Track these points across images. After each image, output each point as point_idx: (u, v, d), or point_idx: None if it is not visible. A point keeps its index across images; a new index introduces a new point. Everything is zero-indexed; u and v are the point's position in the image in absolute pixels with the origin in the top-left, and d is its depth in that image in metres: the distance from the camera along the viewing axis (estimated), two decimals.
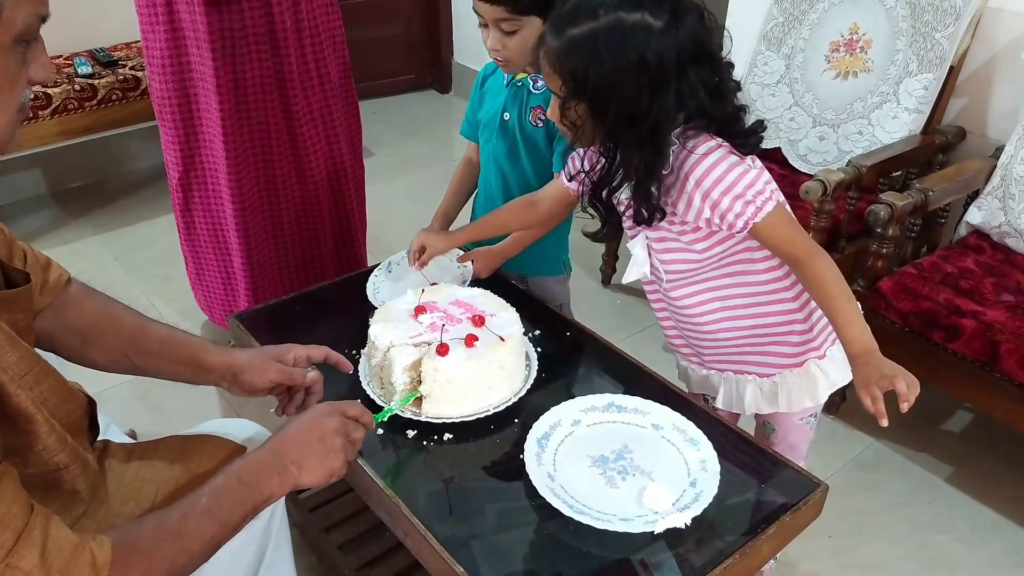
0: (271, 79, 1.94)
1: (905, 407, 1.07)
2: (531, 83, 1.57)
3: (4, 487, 0.79)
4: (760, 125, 1.19)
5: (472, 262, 1.59)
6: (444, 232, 1.64)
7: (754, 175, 1.15)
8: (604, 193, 1.21)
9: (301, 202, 2.13)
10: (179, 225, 2.19)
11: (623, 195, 1.25)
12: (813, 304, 1.29)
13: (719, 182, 1.14)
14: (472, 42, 3.99)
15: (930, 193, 1.91)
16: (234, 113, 1.93)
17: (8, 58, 0.77)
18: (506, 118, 1.62)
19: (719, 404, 1.42)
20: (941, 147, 2.22)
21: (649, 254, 1.30)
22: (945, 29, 2.07)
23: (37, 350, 0.98)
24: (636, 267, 1.31)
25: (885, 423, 1.10)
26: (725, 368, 1.38)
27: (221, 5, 1.81)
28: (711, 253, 1.25)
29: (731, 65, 1.16)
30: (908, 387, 1.07)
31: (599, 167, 1.19)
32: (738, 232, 1.18)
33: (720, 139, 1.16)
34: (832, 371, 1.34)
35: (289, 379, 1.17)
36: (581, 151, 1.31)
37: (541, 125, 1.58)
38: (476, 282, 1.59)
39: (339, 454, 1.01)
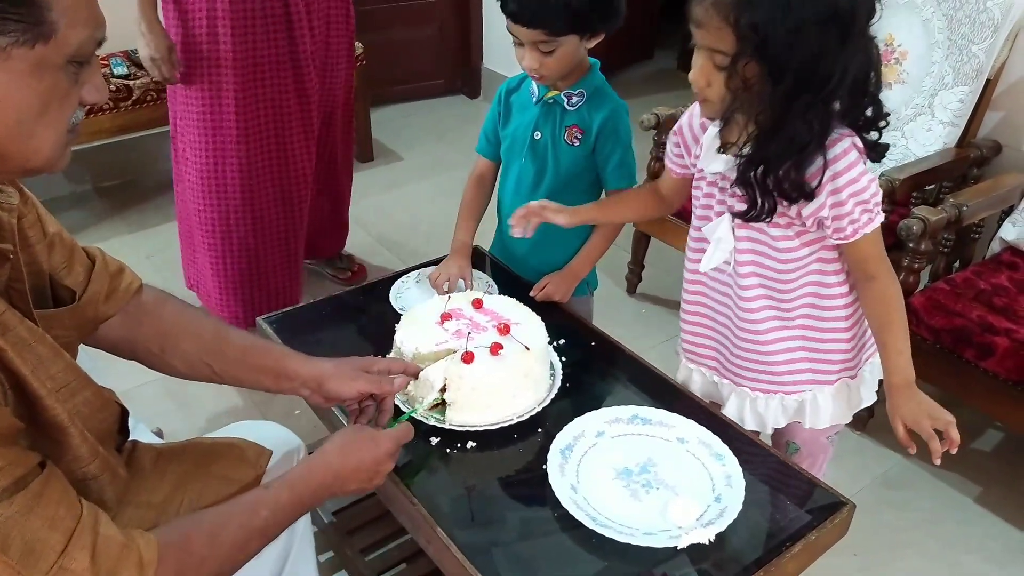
0: (286, 60, 2.08)
1: (955, 450, 1.15)
2: (565, 100, 1.54)
3: (51, 488, 0.80)
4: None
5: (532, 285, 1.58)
6: (563, 208, 1.45)
7: (876, 184, 1.13)
8: (759, 171, 1.12)
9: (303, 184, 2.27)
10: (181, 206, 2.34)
11: (710, 169, 1.21)
12: (860, 328, 1.28)
13: (852, 183, 1.11)
14: (502, 48, 4.00)
15: (964, 208, 1.88)
16: (249, 93, 2.07)
17: (59, 76, 0.78)
18: (537, 137, 1.58)
19: (727, 414, 1.39)
20: (976, 161, 2.19)
21: None
22: (982, 42, 2.04)
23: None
24: (720, 251, 1.25)
25: (914, 450, 1.18)
26: (752, 385, 1.34)
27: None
28: (790, 256, 1.22)
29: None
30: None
31: (748, 141, 1.12)
32: (842, 238, 1.15)
33: (855, 138, 1.12)
34: (863, 391, 1.33)
35: (379, 388, 1.17)
36: (678, 136, 1.30)
37: (578, 144, 1.56)
38: (502, 291, 1.59)
39: (379, 484, 1.10)
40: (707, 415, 1.29)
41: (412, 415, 1.22)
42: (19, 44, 0.73)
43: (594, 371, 1.42)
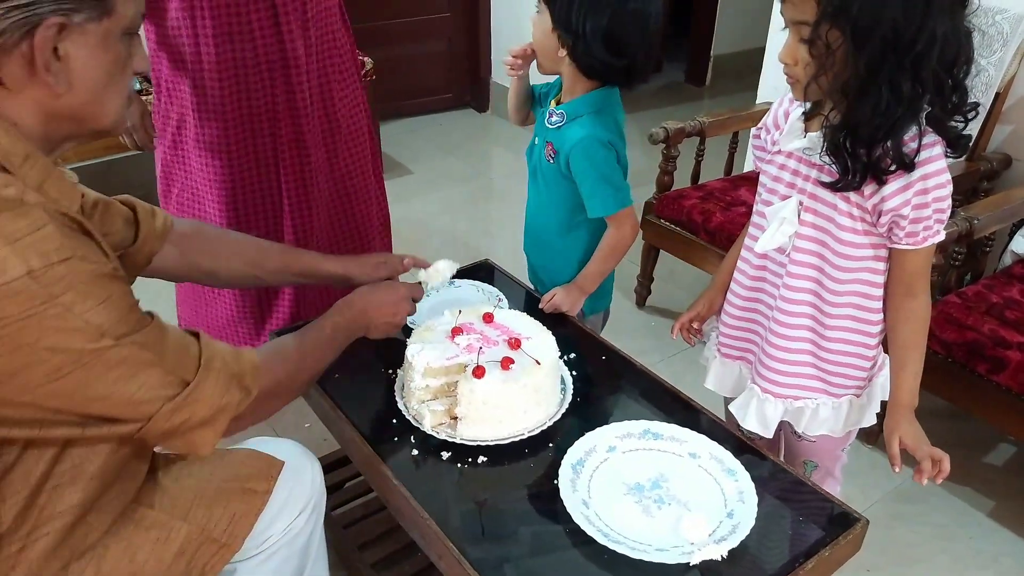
0: (284, 107, 1.88)
1: (940, 481, 1.22)
2: (546, 116, 1.55)
3: (166, 332, 0.94)
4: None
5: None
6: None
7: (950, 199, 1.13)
8: (848, 139, 1.10)
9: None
10: None
11: (790, 146, 1.20)
12: (880, 348, 1.29)
13: (940, 188, 1.11)
14: None
15: (975, 221, 1.87)
16: (246, 140, 1.89)
17: (119, 47, 0.90)
18: (535, 143, 1.62)
19: (733, 408, 1.40)
20: (986, 174, 2.19)
21: None
22: (992, 55, 2.04)
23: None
24: (781, 233, 1.23)
25: (899, 470, 1.25)
26: (763, 385, 1.33)
27: (234, 36, 1.77)
28: (849, 251, 1.20)
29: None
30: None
31: (836, 109, 1.11)
32: (912, 243, 1.14)
33: (942, 142, 1.11)
34: (865, 411, 1.33)
35: (392, 272, 1.47)
36: (762, 130, 1.30)
37: (552, 161, 1.56)
38: (513, 305, 1.60)
39: (400, 324, 1.33)
40: (719, 430, 1.28)
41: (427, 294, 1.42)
42: (92, 20, 0.85)
43: (605, 385, 1.42)
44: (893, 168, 1.09)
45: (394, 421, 1.29)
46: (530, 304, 1.58)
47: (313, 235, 2.03)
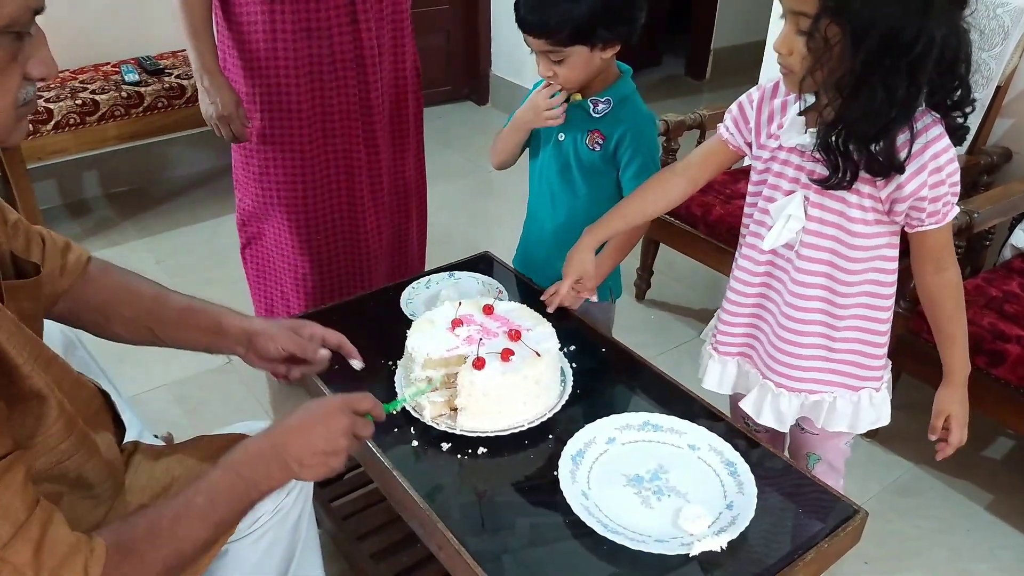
0: (355, 106, 1.88)
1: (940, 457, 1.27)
2: (591, 107, 1.55)
3: (12, 477, 0.79)
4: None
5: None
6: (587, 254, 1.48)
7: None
8: (840, 137, 1.10)
9: (376, 224, 2.06)
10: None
11: (792, 142, 1.20)
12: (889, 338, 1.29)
13: (950, 163, 1.11)
14: (510, 54, 4.01)
15: (975, 215, 1.87)
16: (319, 141, 1.88)
17: None
18: (560, 139, 1.60)
19: (744, 406, 1.39)
20: (986, 168, 2.19)
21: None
22: (992, 49, 2.04)
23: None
24: (788, 229, 1.23)
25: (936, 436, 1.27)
26: (778, 380, 1.33)
27: (312, 32, 1.76)
28: (862, 242, 1.20)
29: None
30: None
31: (830, 106, 1.11)
32: (935, 223, 1.14)
33: (942, 122, 1.11)
34: (880, 407, 1.33)
35: (301, 351, 1.18)
36: (741, 108, 1.29)
37: (599, 149, 1.56)
38: (513, 296, 1.60)
39: (342, 454, 0.98)
40: (718, 422, 1.28)
41: (402, 403, 1.21)
42: None
43: (605, 377, 1.42)
44: (884, 169, 1.10)
45: (394, 412, 1.29)
46: (530, 296, 1.58)
47: (383, 237, 2.04)
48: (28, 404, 0.88)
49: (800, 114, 1.20)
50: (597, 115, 1.55)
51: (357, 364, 1.23)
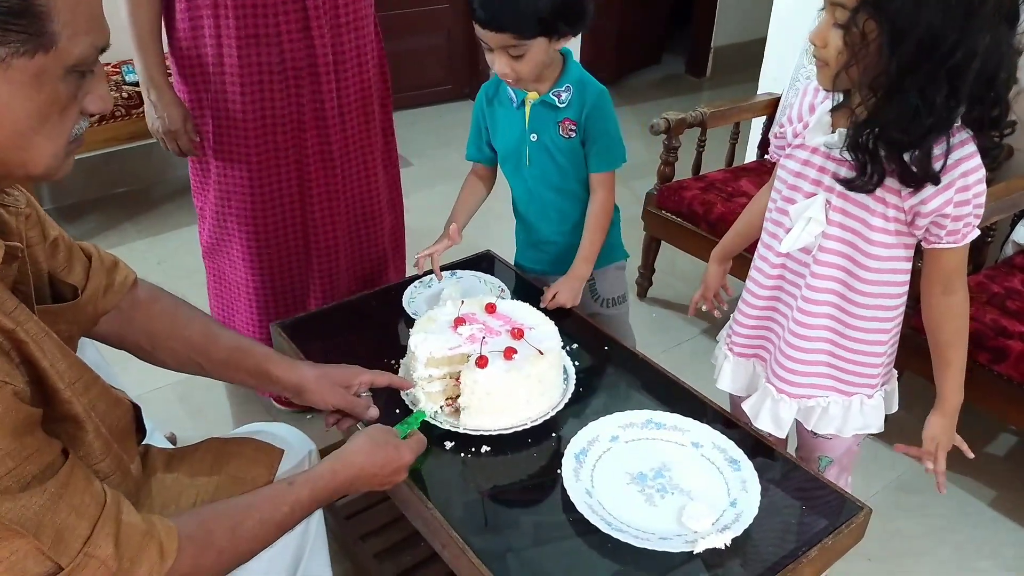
0: (309, 117, 1.79)
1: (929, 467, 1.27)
2: (555, 99, 1.55)
3: (76, 475, 0.82)
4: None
5: (552, 295, 1.57)
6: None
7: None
8: (872, 138, 1.07)
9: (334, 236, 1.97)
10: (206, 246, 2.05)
11: (816, 141, 1.18)
12: (894, 347, 1.29)
13: (979, 183, 1.09)
14: None
15: None
16: (268, 152, 1.81)
17: (59, 87, 0.77)
18: (534, 139, 1.60)
19: (745, 407, 1.39)
20: (988, 165, 2.18)
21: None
22: None
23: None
24: (807, 232, 1.20)
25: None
26: (779, 385, 1.32)
27: (260, 40, 1.69)
28: (879, 251, 1.18)
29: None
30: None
31: (863, 105, 1.08)
32: (952, 241, 1.12)
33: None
34: (871, 414, 1.32)
35: (351, 409, 1.24)
36: (782, 126, 1.27)
37: (573, 135, 1.57)
38: (516, 294, 1.60)
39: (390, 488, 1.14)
40: (722, 419, 1.28)
41: (423, 418, 1.23)
42: (19, 55, 0.73)
43: (607, 375, 1.42)
44: (918, 178, 1.07)
45: (397, 411, 1.29)
46: (532, 295, 1.58)
47: (340, 254, 1.97)
48: (64, 425, 0.90)
49: (831, 111, 1.18)
50: (563, 104, 1.55)
51: (408, 388, 1.30)
